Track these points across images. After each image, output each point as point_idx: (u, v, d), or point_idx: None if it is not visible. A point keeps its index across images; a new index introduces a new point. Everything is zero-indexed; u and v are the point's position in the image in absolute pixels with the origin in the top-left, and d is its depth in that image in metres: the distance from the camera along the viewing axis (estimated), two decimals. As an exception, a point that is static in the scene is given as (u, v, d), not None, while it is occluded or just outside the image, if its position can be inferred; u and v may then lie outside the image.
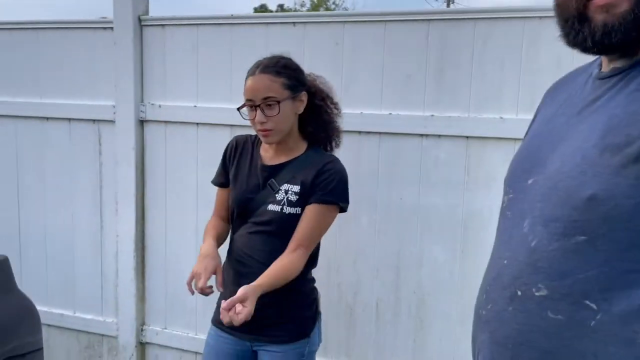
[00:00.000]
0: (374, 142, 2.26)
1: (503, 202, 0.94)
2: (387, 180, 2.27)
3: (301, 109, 1.72)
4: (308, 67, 1.88)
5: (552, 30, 1.98)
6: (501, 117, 2.09)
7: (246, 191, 1.74)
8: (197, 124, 2.57)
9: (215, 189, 1.94)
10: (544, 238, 0.77)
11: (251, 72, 1.68)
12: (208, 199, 2.47)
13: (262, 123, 1.64)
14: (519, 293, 0.80)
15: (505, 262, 0.84)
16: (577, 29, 0.78)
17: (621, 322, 0.69)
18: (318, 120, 1.77)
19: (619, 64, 0.80)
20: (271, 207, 1.69)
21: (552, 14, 1.96)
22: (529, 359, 0.77)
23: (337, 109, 1.84)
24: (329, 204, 1.67)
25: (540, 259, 0.77)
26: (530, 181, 0.84)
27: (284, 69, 1.67)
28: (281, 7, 27.69)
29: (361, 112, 2.26)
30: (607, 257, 0.71)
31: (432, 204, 2.22)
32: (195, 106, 2.56)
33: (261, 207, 1.69)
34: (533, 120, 1.04)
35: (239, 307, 1.45)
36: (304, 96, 1.72)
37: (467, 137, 2.15)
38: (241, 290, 1.50)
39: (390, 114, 2.22)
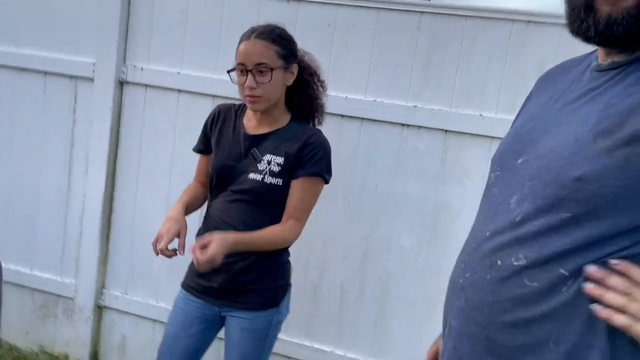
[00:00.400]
0: (355, 127, 2.29)
1: (489, 179, 0.96)
2: (365, 165, 2.30)
3: (290, 81, 1.73)
4: (298, 44, 1.89)
5: (538, 35, 2.07)
6: (481, 115, 2.16)
7: (228, 159, 1.74)
8: (179, 91, 2.54)
9: (193, 158, 1.93)
10: (530, 214, 0.81)
11: (245, 37, 1.67)
12: (182, 168, 2.46)
13: (251, 88, 1.63)
14: (499, 262, 0.83)
15: (488, 234, 0.87)
16: (582, 17, 0.80)
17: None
18: (305, 94, 1.78)
19: (617, 58, 0.82)
20: (252, 175, 1.69)
21: (539, 19, 2.05)
22: (504, 323, 0.82)
23: (323, 87, 1.85)
24: (315, 176, 1.70)
25: (524, 233, 0.81)
26: (520, 160, 0.86)
27: (279, 38, 1.67)
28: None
29: (346, 96, 2.28)
30: (589, 234, 0.75)
31: (406, 193, 2.27)
32: (178, 73, 2.53)
33: (242, 176, 1.70)
34: (524, 106, 1.07)
35: (198, 252, 1.49)
36: (294, 68, 1.73)
37: (446, 130, 2.20)
38: (207, 235, 1.53)
39: (374, 100, 2.25)
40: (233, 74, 1.69)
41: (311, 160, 1.67)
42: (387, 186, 2.29)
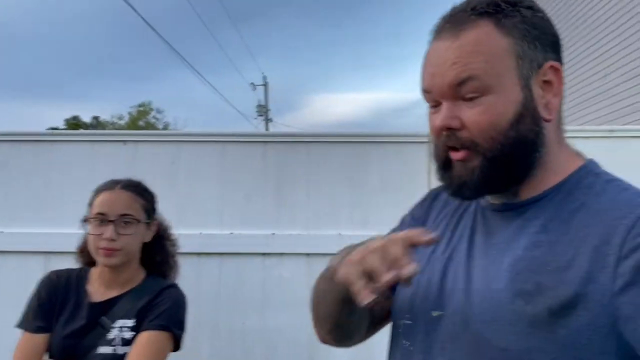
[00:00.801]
0: (214, 263, 2.15)
1: (397, 325, 0.86)
2: (230, 303, 2.14)
3: (149, 238, 1.61)
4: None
5: (378, 153, 2.20)
6: (339, 234, 2.17)
7: (69, 336, 1.47)
8: (2, 252, 2.19)
9: (17, 334, 1.59)
10: None
11: (107, 188, 1.55)
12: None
13: (111, 240, 1.47)
14: None
15: None
16: (442, 172, 0.80)
17: None
18: (163, 250, 1.68)
19: (506, 199, 0.79)
20: (102, 349, 1.44)
21: (377, 139, 2.20)
22: None
23: (175, 244, 1.76)
24: (160, 330, 1.48)
25: None
26: (435, 314, 0.79)
27: (144, 192, 1.61)
28: (97, 120, 26.67)
29: (200, 233, 2.16)
30: None
31: (277, 327, 2.14)
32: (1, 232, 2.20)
33: (90, 352, 1.44)
34: (422, 223, 0.94)
35: None
36: (155, 225, 1.64)
37: (308, 254, 2.17)
38: None
39: (231, 233, 2.16)
40: (87, 223, 1.53)
41: (158, 312, 1.48)
42: (256, 322, 2.13)
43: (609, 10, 7.34)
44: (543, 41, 0.76)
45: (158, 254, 1.64)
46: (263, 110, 24.40)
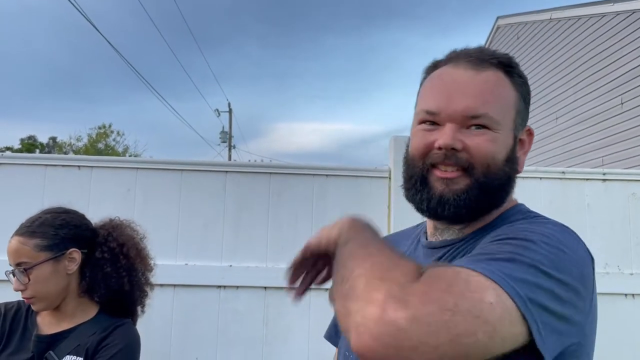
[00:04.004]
0: (167, 295, 2.08)
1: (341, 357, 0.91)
2: (182, 337, 2.07)
3: (73, 268, 1.48)
4: (94, 214, 1.70)
5: (337, 186, 2.20)
6: (297, 267, 2.14)
7: None
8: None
9: None
10: None
11: (12, 236, 1.47)
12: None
13: (21, 291, 1.41)
14: None
15: None
16: (418, 188, 0.82)
17: None
18: (108, 277, 1.51)
19: (447, 235, 0.85)
20: None
21: (336, 172, 2.21)
22: None
23: (143, 263, 1.62)
24: None
25: None
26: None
27: (39, 228, 1.46)
28: (54, 140, 25.87)
29: (154, 263, 2.09)
30: None
31: (230, 362, 2.07)
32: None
33: None
34: None
35: None
36: (74, 253, 1.49)
37: (265, 287, 2.13)
38: None
39: (186, 264, 2.10)
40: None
41: (109, 355, 1.40)
42: (209, 357, 2.06)
43: (560, 57, 7.73)
44: (528, 107, 0.87)
45: (95, 283, 1.50)
46: (227, 137, 24.29)
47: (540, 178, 2.22)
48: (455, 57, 0.84)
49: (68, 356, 1.40)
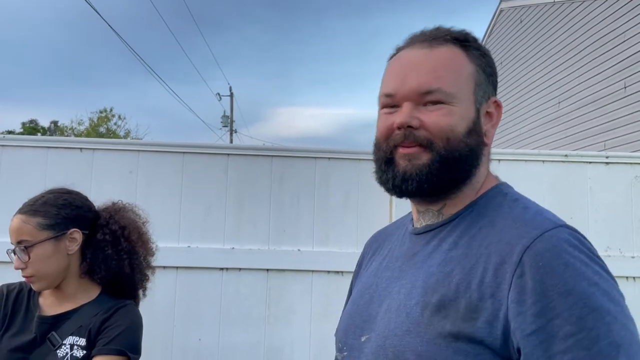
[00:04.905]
0: (170, 277, 2.09)
1: (336, 358, 0.90)
2: (185, 318, 2.08)
3: (73, 248, 1.49)
4: (96, 196, 1.70)
5: (340, 170, 2.20)
6: (299, 250, 2.15)
7: (15, 350, 1.40)
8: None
9: None
10: None
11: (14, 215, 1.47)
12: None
13: (22, 269, 1.41)
14: None
15: None
16: (384, 169, 0.84)
17: None
18: (108, 259, 1.51)
19: (428, 220, 0.86)
20: None
21: (339, 155, 2.20)
22: None
23: (144, 247, 1.62)
24: (115, 355, 1.41)
25: None
26: (363, 339, 0.83)
27: (42, 207, 1.47)
28: (55, 124, 25.77)
29: (157, 245, 2.09)
30: None
31: (233, 343, 2.09)
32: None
33: None
34: (356, 273, 1.03)
35: None
36: (75, 233, 1.49)
37: (267, 269, 2.14)
38: None
39: (188, 247, 2.11)
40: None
41: (111, 334, 1.41)
42: (211, 338, 2.08)
43: (563, 41, 7.67)
44: (491, 79, 0.87)
45: (96, 265, 1.50)
46: (228, 121, 24.22)
47: (543, 161, 2.21)
48: (412, 40, 0.86)
49: (71, 337, 1.41)
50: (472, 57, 0.84)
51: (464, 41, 0.85)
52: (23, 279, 1.48)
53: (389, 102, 0.84)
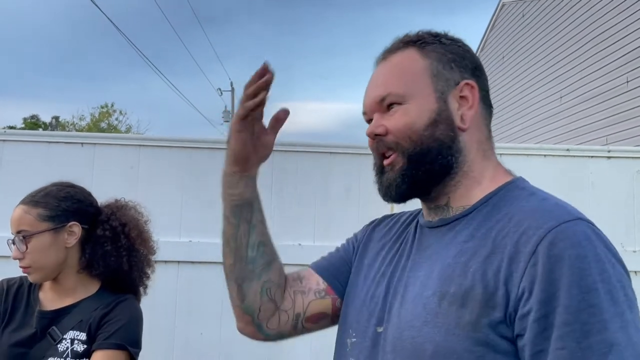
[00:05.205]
0: (171, 272, 2.10)
1: (345, 343, 0.89)
2: (187, 314, 2.09)
3: (72, 242, 1.47)
4: (97, 191, 1.70)
5: (341, 165, 2.20)
6: (300, 244, 2.15)
7: (16, 345, 1.40)
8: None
9: None
10: None
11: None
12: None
13: (19, 260, 1.41)
14: None
15: None
16: (377, 180, 0.88)
17: None
18: (107, 255, 1.50)
19: (441, 215, 0.86)
20: None
21: (339, 150, 2.20)
22: None
23: (145, 245, 1.61)
24: (116, 349, 1.41)
25: None
26: (380, 329, 0.83)
27: (43, 198, 1.47)
28: (56, 119, 25.79)
29: (158, 240, 2.09)
30: None
31: (234, 337, 2.09)
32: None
33: None
34: (361, 255, 1.00)
35: None
36: (74, 227, 1.48)
37: (268, 264, 2.14)
38: None
39: (190, 241, 2.11)
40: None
41: (113, 330, 1.41)
42: (213, 332, 2.09)
43: (565, 35, 7.64)
44: (459, 64, 0.88)
45: (95, 259, 1.49)
46: (229, 116, 24.20)
47: (545, 155, 2.21)
48: (377, 58, 0.92)
49: (71, 331, 1.41)
50: (425, 53, 0.87)
51: (417, 41, 0.88)
52: (23, 274, 1.49)
53: (367, 119, 0.90)
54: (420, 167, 0.83)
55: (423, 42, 0.88)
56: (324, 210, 2.18)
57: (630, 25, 6.36)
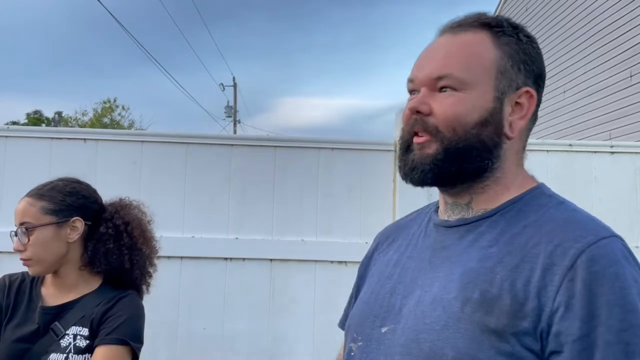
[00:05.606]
0: (174, 267, 2.11)
1: (350, 349, 0.85)
2: (189, 308, 2.10)
3: (74, 237, 1.48)
4: (100, 187, 1.70)
5: (344, 160, 2.20)
6: (302, 240, 2.16)
7: (18, 341, 1.41)
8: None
9: None
10: None
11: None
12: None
13: (20, 252, 1.42)
14: None
15: None
16: (401, 156, 0.82)
17: None
18: (109, 253, 1.51)
19: (459, 214, 0.82)
20: (53, 356, 1.38)
21: (342, 145, 2.20)
22: None
23: (147, 244, 1.62)
24: (118, 344, 1.42)
25: None
26: (384, 329, 0.79)
27: (49, 192, 1.48)
28: (59, 115, 25.79)
29: (160, 235, 2.10)
30: None
31: (237, 333, 2.10)
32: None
33: (41, 359, 1.38)
34: (367, 265, 0.98)
35: None
36: (77, 222, 1.49)
37: (271, 259, 2.15)
38: None
39: (192, 237, 2.12)
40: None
41: (113, 325, 1.42)
42: (216, 327, 2.10)
43: (568, 30, 7.61)
44: (528, 67, 0.81)
45: (98, 255, 1.49)
46: (232, 112, 24.20)
47: (547, 151, 2.21)
48: (443, 27, 0.84)
49: (73, 327, 1.42)
50: (499, 43, 0.80)
51: (495, 26, 0.81)
52: (25, 271, 1.49)
53: (411, 88, 0.83)
54: (455, 162, 0.78)
55: (501, 30, 0.81)
56: (327, 205, 2.18)
57: (633, 19, 6.32)
